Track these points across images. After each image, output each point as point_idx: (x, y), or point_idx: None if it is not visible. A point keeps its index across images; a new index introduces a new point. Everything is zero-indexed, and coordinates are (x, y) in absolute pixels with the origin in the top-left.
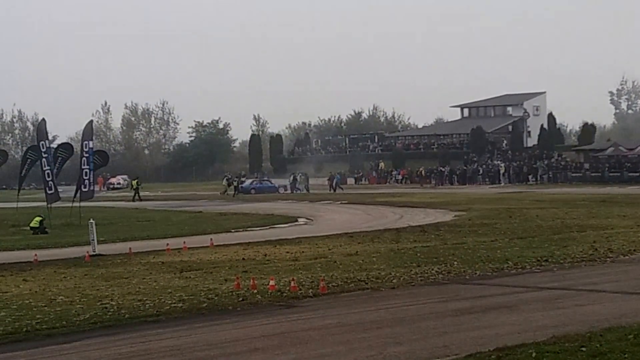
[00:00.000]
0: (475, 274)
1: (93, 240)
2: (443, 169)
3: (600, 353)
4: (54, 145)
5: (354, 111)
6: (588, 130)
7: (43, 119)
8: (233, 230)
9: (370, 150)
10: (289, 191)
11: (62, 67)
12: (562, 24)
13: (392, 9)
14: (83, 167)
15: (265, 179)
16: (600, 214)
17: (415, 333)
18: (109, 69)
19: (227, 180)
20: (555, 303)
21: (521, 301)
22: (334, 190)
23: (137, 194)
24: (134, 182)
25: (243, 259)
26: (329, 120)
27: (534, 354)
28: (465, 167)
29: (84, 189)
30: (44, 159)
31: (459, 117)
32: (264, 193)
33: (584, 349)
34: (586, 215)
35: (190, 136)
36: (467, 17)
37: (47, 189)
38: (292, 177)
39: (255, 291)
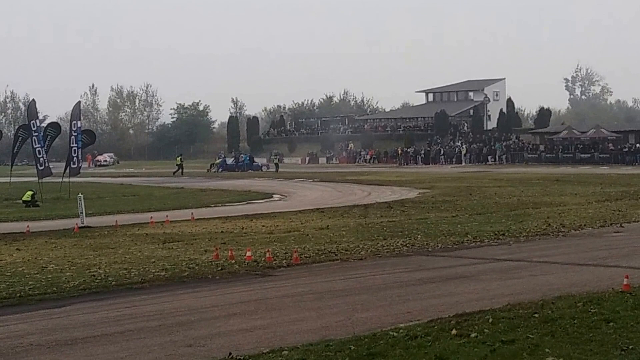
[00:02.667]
0: (437, 246)
1: (82, 213)
2: (408, 150)
3: (552, 319)
4: (44, 124)
5: (326, 95)
6: (544, 114)
7: (33, 100)
8: (212, 205)
9: (341, 132)
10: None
11: (53, 51)
12: (521, 15)
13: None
14: (72, 145)
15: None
16: (554, 192)
17: (381, 300)
18: (97, 53)
19: (218, 158)
20: (510, 273)
21: (479, 272)
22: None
23: (180, 169)
24: (178, 159)
25: (222, 231)
26: (303, 103)
27: (490, 320)
28: (429, 148)
29: (72, 166)
30: (34, 137)
31: (424, 101)
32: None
33: (536, 315)
34: (541, 193)
35: (172, 117)
36: (433, 10)
37: (37, 165)
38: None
39: (233, 261)
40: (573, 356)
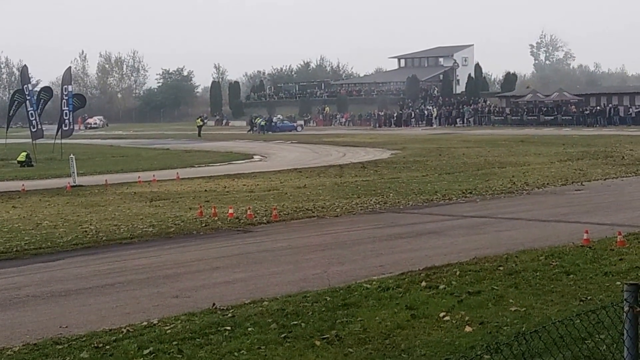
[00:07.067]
0: (408, 204)
1: (73, 172)
2: (381, 113)
3: (515, 271)
4: (37, 89)
5: (303, 61)
6: (510, 78)
7: (25, 65)
8: (196, 166)
9: (318, 96)
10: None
11: (45, 18)
12: None
13: None
14: (63, 108)
15: (284, 119)
16: (519, 152)
17: (355, 254)
18: (86, 21)
19: (252, 121)
20: (477, 229)
21: (448, 228)
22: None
23: (199, 130)
24: (198, 120)
25: (205, 190)
26: (281, 69)
27: (458, 273)
28: (401, 112)
29: (64, 128)
30: (27, 101)
31: (396, 67)
32: (284, 131)
33: (501, 268)
34: (506, 154)
35: (158, 82)
36: None
37: (31, 127)
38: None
39: (216, 218)
40: (535, 306)
